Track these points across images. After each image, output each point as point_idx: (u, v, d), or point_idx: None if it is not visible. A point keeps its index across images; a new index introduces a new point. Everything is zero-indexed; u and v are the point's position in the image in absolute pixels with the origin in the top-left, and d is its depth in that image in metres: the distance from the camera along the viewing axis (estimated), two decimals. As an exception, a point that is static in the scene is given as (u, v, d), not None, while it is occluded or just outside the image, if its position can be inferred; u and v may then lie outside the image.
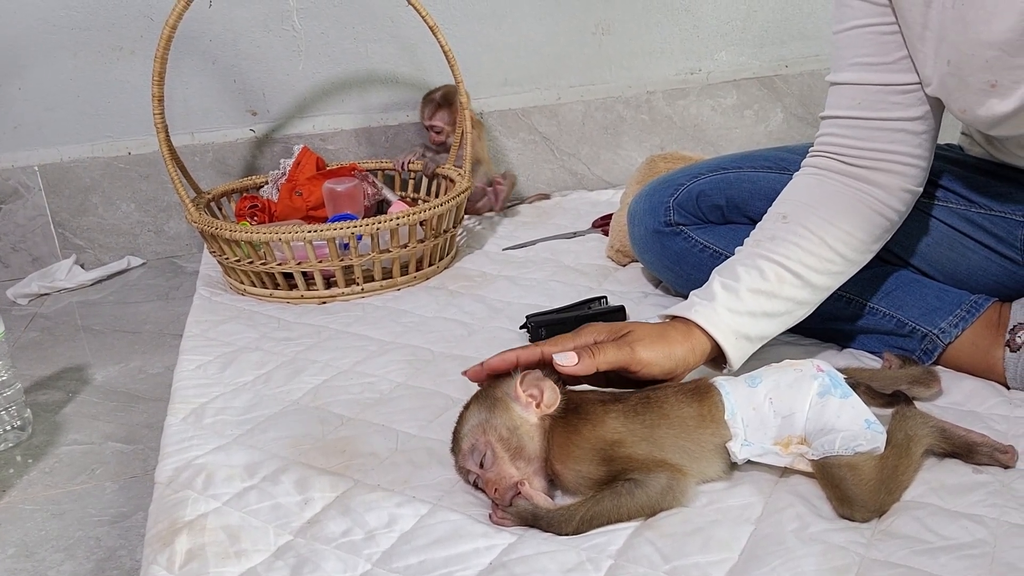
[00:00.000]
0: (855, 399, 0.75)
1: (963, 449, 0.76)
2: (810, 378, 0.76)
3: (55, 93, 1.63)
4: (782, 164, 1.05)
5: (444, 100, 1.61)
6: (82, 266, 1.67)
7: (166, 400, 1.01)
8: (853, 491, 0.70)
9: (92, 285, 1.61)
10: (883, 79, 0.87)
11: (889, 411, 0.77)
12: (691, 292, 0.88)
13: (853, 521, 0.69)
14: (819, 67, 1.92)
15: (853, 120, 0.88)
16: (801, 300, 0.87)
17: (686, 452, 0.74)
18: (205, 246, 1.44)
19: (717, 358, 0.85)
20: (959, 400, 0.87)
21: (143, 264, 1.71)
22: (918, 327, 0.95)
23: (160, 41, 1.29)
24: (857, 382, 0.78)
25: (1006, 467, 0.75)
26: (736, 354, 0.84)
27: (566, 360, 0.77)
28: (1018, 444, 0.77)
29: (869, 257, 0.91)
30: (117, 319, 1.44)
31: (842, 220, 0.87)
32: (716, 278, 0.87)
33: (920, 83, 0.86)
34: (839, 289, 0.98)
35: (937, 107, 0.88)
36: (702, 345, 0.83)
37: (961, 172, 0.98)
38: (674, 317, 0.85)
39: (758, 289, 0.85)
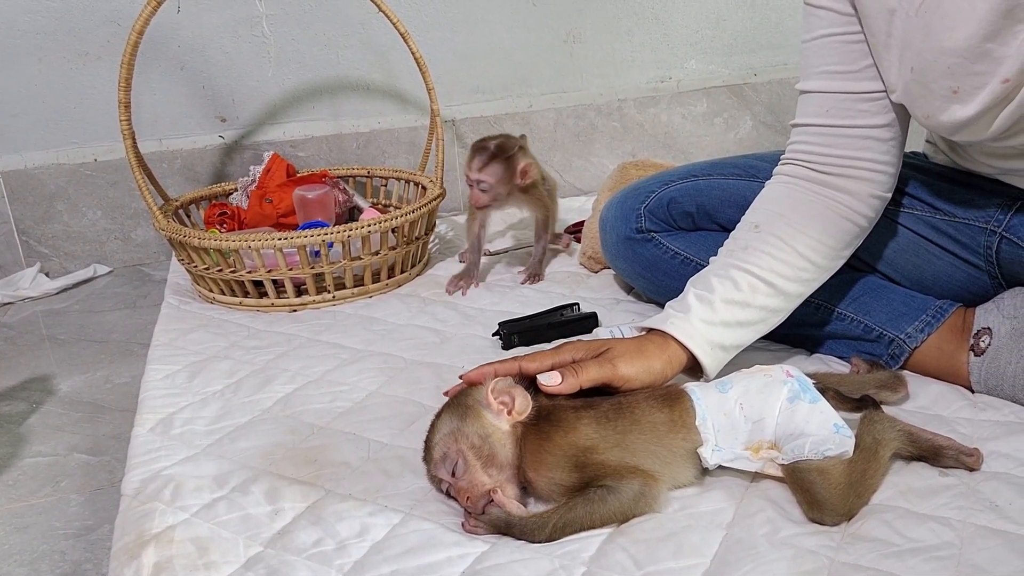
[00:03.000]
0: (824, 404, 0.76)
1: (930, 452, 0.77)
2: (780, 383, 0.77)
3: (20, 99, 1.60)
4: (752, 171, 1.07)
5: (499, 151, 1.28)
6: (47, 274, 1.64)
7: (133, 410, 0.99)
8: (823, 495, 0.70)
9: (57, 294, 1.59)
10: (850, 87, 0.88)
11: (857, 415, 0.78)
12: (666, 304, 0.89)
13: (823, 525, 0.70)
14: (787, 75, 1.95)
15: (821, 128, 0.90)
16: (774, 308, 0.88)
17: (658, 458, 0.74)
18: (173, 254, 1.43)
19: (694, 367, 0.85)
20: (925, 404, 0.89)
21: (110, 272, 1.68)
22: (885, 332, 0.96)
23: (127, 46, 1.28)
24: (826, 387, 0.79)
25: (971, 470, 0.76)
26: (712, 364, 0.85)
27: (550, 380, 0.78)
28: (983, 447, 0.79)
29: (840, 263, 0.92)
30: (83, 328, 1.42)
31: (812, 228, 0.88)
32: (691, 290, 0.88)
33: (885, 91, 0.87)
34: (808, 295, 0.99)
35: (903, 114, 0.89)
36: (678, 357, 0.84)
37: (926, 179, 1.00)
38: (650, 330, 0.86)
39: (732, 300, 0.86)
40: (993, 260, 0.95)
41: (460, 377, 0.82)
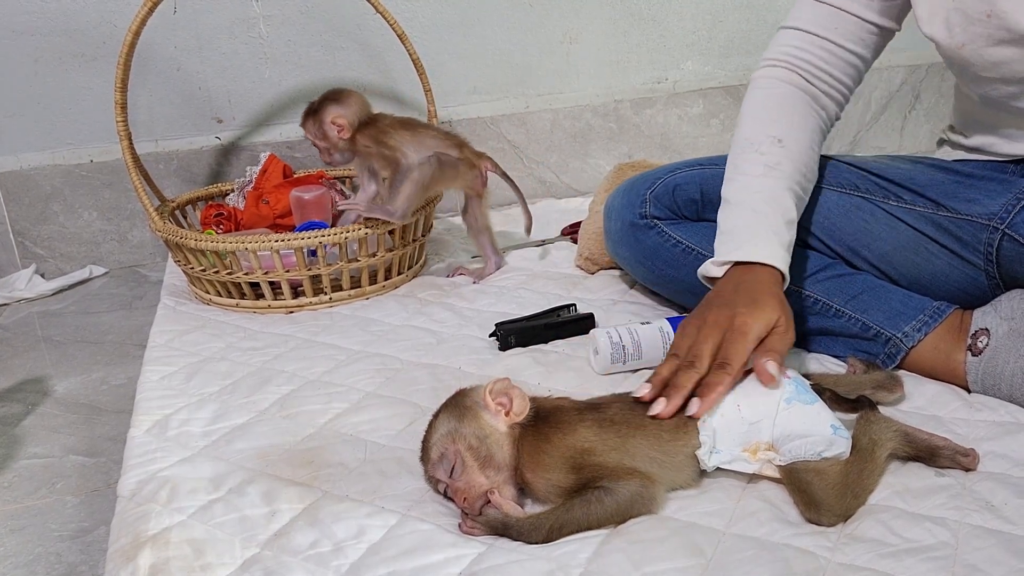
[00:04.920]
0: (821, 405, 0.76)
1: (926, 453, 0.77)
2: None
3: (15, 99, 1.60)
4: None
5: (309, 107, 1.31)
6: (42, 275, 1.64)
7: (129, 412, 0.99)
8: (820, 496, 0.71)
9: (53, 295, 1.58)
10: (866, 15, 0.95)
11: (854, 416, 0.79)
12: (734, 230, 0.91)
13: (820, 525, 0.70)
14: (783, 77, 1.94)
15: (824, 41, 0.97)
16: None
17: (657, 461, 0.74)
18: (170, 255, 1.42)
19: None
20: (922, 404, 0.89)
21: (106, 273, 1.68)
22: (882, 331, 0.96)
23: (123, 47, 1.27)
24: (823, 388, 0.79)
25: (967, 470, 0.76)
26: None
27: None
28: (979, 447, 0.79)
29: None
30: (79, 329, 1.42)
31: (814, 141, 0.97)
32: (764, 220, 0.90)
33: (888, 28, 0.96)
34: (807, 290, 1.00)
35: (880, 52, 0.99)
36: (777, 280, 0.87)
37: (932, 176, 1.01)
38: (739, 264, 0.88)
39: (791, 219, 0.91)
40: (993, 258, 0.95)
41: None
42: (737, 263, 0.88)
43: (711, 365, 0.78)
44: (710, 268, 0.91)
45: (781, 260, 0.88)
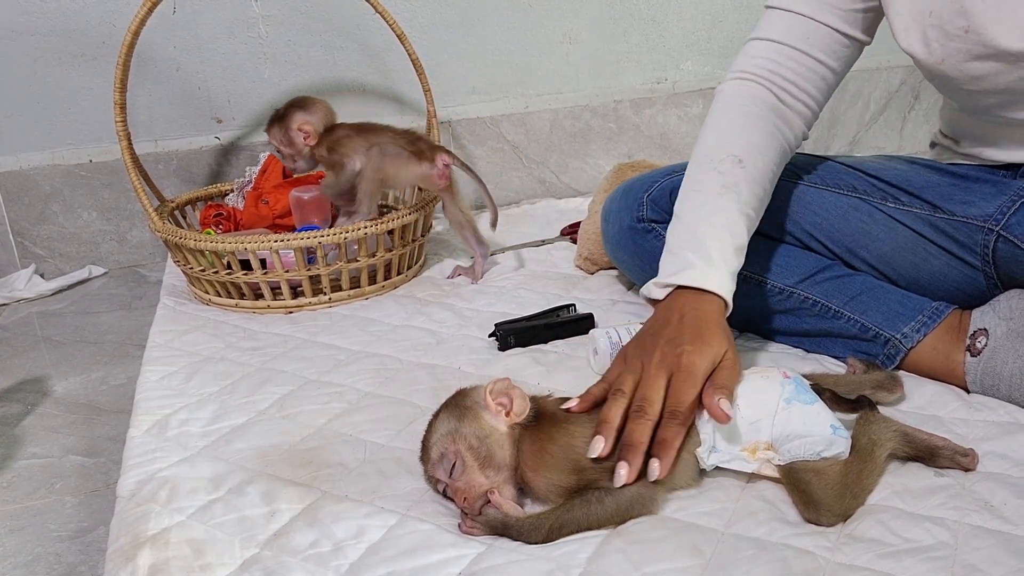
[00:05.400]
0: (820, 405, 0.76)
1: (925, 453, 0.77)
2: (777, 385, 0.77)
3: (15, 100, 1.60)
4: None
5: (275, 114, 1.34)
6: (42, 276, 1.64)
7: (129, 412, 0.99)
8: (819, 496, 0.71)
9: (52, 295, 1.58)
10: (839, 26, 0.94)
11: (854, 416, 0.79)
12: (683, 255, 0.87)
13: (819, 525, 0.70)
14: (783, 77, 1.95)
15: (795, 51, 0.95)
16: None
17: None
18: (169, 255, 1.42)
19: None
20: (921, 404, 0.89)
21: (105, 273, 1.68)
22: (881, 332, 0.96)
23: (122, 47, 1.27)
24: (822, 388, 0.80)
25: (967, 470, 0.76)
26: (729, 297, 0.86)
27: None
28: (978, 447, 0.79)
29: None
30: (78, 329, 1.42)
31: (774, 162, 0.94)
32: (710, 244, 0.86)
33: (860, 41, 0.95)
34: (806, 292, 1.00)
35: (850, 66, 0.98)
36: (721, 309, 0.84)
37: (928, 179, 1.01)
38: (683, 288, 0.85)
39: (739, 246, 0.89)
40: (990, 259, 0.95)
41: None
42: (680, 287, 0.85)
43: (662, 411, 0.74)
44: (652, 289, 0.88)
45: (727, 290, 0.84)
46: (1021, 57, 0.83)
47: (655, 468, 0.71)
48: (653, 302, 0.89)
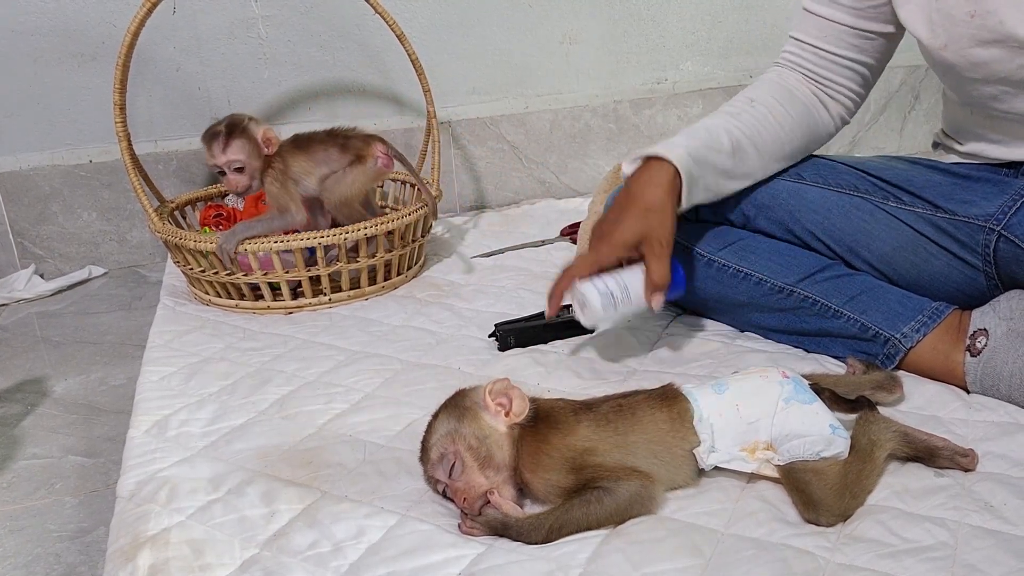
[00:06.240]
0: (820, 405, 0.76)
1: (925, 453, 0.77)
2: (776, 384, 0.77)
3: (14, 100, 1.60)
4: None
5: (233, 127, 1.26)
6: (42, 276, 1.64)
7: (128, 412, 0.99)
8: (818, 496, 0.71)
9: (52, 295, 1.58)
10: (851, 22, 1.00)
11: (853, 416, 0.79)
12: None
13: (818, 526, 0.70)
14: (782, 77, 1.95)
15: (815, 49, 1.04)
16: (742, 171, 1.02)
17: (657, 459, 0.74)
18: (169, 256, 1.42)
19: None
20: (921, 405, 0.89)
21: (105, 274, 1.68)
22: (881, 331, 0.96)
23: (122, 48, 1.27)
24: (821, 388, 0.80)
25: (966, 470, 0.76)
26: (685, 171, 0.95)
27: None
28: (978, 448, 0.79)
29: (793, 163, 1.06)
30: (78, 330, 1.42)
31: (796, 118, 1.03)
32: (681, 132, 1.00)
33: (881, 33, 1.00)
34: (806, 291, 1.00)
35: (887, 53, 1.04)
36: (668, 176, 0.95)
37: (930, 179, 1.01)
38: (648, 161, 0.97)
39: (713, 147, 0.98)
40: (991, 259, 0.95)
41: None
42: (646, 159, 0.97)
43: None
44: (625, 166, 1.00)
45: (676, 156, 0.95)
46: None
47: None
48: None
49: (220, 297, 1.30)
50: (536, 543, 0.70)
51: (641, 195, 0.94)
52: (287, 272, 1.26)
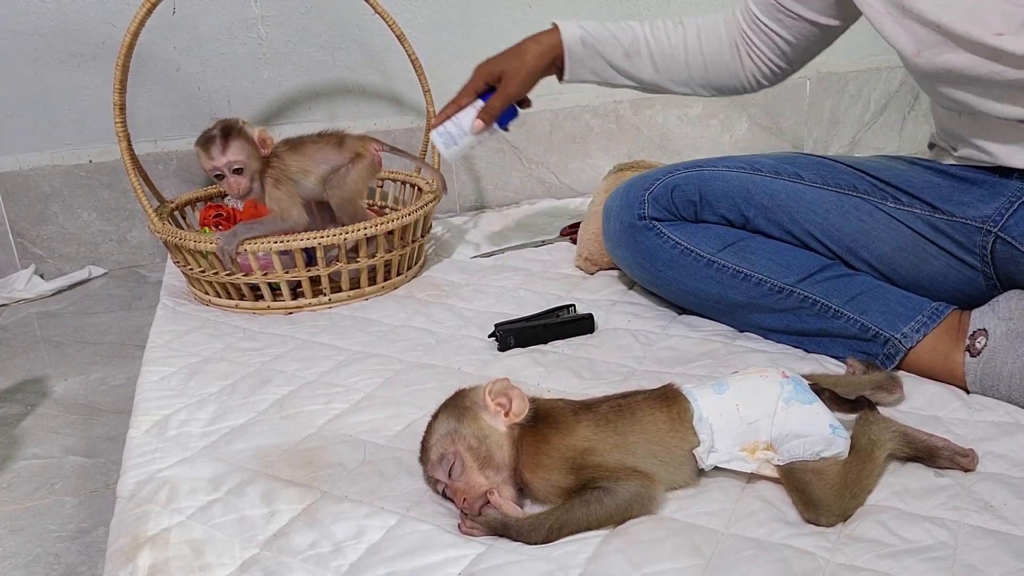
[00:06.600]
0: (820, 405, 0.76)
1: (925, 453, 0.77)
2: (775, 384, 0.77)
3: (14, 100, 1.60)
4: (756, 166, 1.08)
5: (228, 130, 1.24)
6: (42, 276, 1.64)
7: (128, 412, 0.99)
8: (818, 496, 0.71)
9: (52, 295, 1.58)
10: (804, 12, 1.07)
11: (853, 416, 0.79)
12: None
13: (818, 526, 0.70)
14: (782, 77, 1.95)
15: (749, 7, 1.11)
16: (636, 71, 1.18)
17: (657, 459, 0.74)
18: (169, 256, 1.42)
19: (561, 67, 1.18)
20: (921, 405, 0.89)
21: (105, 274, 1.68)
22: (881, 332, 0.97)
23: (121, 48, 1.27)
24: (821, 388, 0.80)
25: (966, 470, 0.77)
26: (571, 43, 1.16)
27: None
28: (978, 448, 0.79)
29: (690, 92, 1.20)
30: (78, 330, 1.42)
31: (705, 58, 1.15)
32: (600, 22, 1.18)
33: (807, 19, 1.07)
34: (806, 292, 1.01)
35: (813, 41, 1.10)
36: (549, 39, 1.17)
37: (928, 180, 1.01)
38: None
39: (616, 40, 1.16)
40: (988, 260, 0.95)
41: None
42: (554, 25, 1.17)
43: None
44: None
45: (568, 33, 1.16)
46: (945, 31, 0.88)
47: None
48: None
49: (220, 297, 1.30)
50: (536, 543, 0.70)
51: (521, 47, 1.18)
52: (287, 272, 1.26)
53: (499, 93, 1.18)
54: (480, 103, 1.20)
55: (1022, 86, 0.87)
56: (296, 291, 1.30)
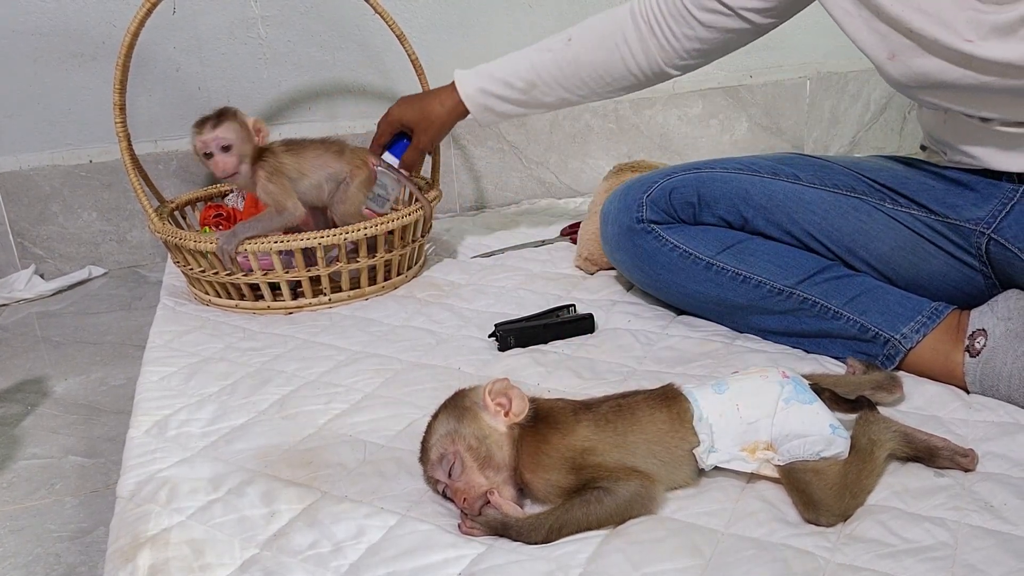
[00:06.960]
0: (820, 405, 0.76)
1: (925, 453, 0.77)
2: (776, 384, 0.77)
3: (14, 100, 1.60)
4: (754, 167, 1.08)
5: (224, 112, 1.23)
6: (42, 276, 1.64)
7: (128, 412, 0.99)
8: (818, 496, 0.71)
9: (52, 295, 1.58)
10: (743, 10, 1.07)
11: (853, 416, 0.79)
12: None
13: (819, 526, 0.70)
14: (783, 77, 1.95)
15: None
16: (538, 101, 1.25)
17: (657, 459, 0.74)
18: (169, 256, 1.42)
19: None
20: (921, 405, 0.89)
21: (105, 274, 1.68)
22: (881, 332, 0.97)
23: (121, 48, 1.27)
24: (821, 388, 0.80)
25: (966, 470, 0.77)
26: (470, 92, 1.26)
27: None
28: (978, 448, 0.79)
29: (597, 98, 1.24)
30: (78, 330, 1.42)
31: (600, 66, 1.18)
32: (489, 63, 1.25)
33: (721, 12, 1.07)
34: (805, 293, 1.01)
35: (731, 36, 1.11)
36: (451, 96, 1.28)
37: (923, 181, 1.01)
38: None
39: (510, 81, 1.23)
40: (985, 260, 0.96)
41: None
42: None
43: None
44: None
45: (467, 96, 1.27)
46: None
47: None
48: None
49: (220, 297, 1.30)
50: (536, 543, 0.70)
51: (426, 107, 1.30)
52: (287, 272, 1.26)
53: (412, 148, 1.34)
54: (389, 155, 1.36)
55: (995, 91, 0.87)
56: (296, 291, 1.30)
